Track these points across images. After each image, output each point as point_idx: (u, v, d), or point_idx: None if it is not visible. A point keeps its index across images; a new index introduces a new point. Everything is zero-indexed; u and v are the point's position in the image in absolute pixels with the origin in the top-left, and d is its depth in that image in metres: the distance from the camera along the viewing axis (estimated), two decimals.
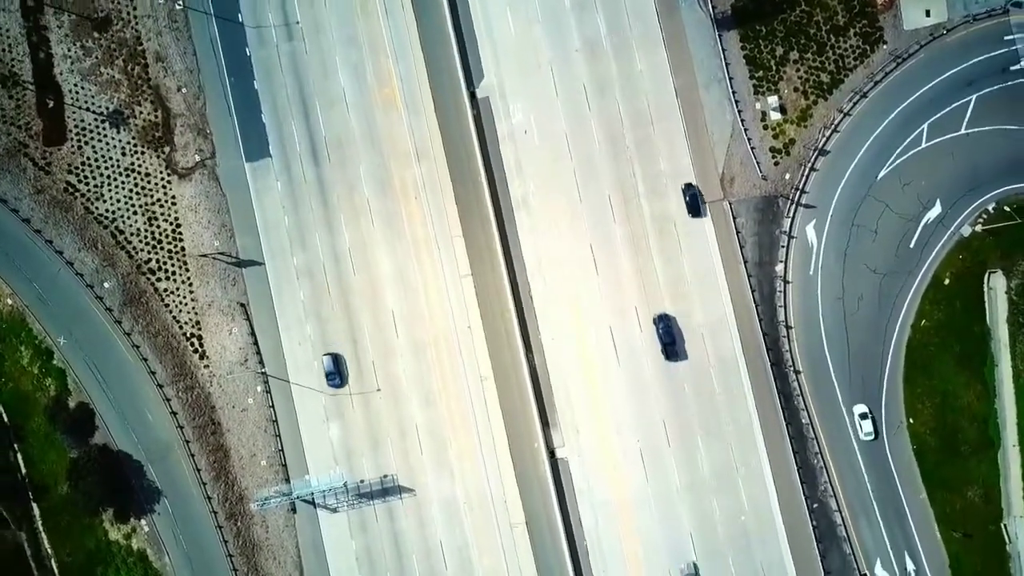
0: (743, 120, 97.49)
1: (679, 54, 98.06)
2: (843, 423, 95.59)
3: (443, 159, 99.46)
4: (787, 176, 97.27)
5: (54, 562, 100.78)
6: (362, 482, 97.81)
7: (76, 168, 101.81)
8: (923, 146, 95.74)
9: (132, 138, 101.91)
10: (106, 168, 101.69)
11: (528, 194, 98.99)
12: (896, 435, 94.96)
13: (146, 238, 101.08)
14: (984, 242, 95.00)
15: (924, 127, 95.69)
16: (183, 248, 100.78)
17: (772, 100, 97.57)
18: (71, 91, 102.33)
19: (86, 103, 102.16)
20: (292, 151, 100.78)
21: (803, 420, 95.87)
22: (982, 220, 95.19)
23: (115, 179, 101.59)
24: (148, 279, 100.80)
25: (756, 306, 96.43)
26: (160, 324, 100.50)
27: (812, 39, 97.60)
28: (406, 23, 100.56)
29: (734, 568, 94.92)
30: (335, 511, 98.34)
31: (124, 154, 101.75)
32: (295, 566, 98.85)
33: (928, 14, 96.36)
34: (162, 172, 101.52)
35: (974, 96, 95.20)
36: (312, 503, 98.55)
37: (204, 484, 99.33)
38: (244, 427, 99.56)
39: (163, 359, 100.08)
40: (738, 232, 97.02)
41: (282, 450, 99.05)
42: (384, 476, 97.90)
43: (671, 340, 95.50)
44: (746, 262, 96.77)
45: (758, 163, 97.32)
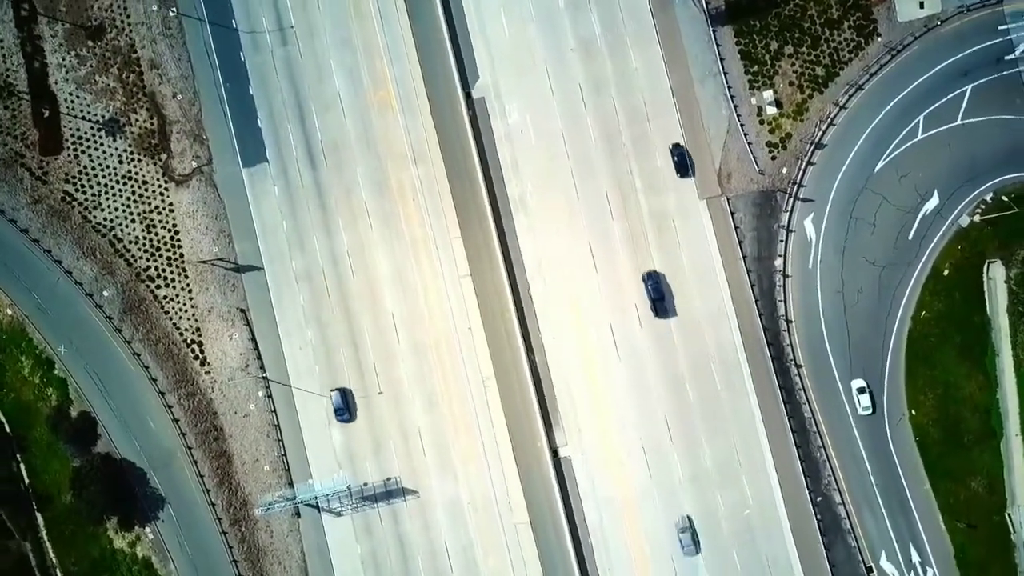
0: (739, 115, 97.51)
1: (674, 50, 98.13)
2: (846, 417, 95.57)
3: (440, 160, 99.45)
4: (784, 170, 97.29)
5: (59, 572, 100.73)
6: (366, 485, 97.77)
7: (73, 177, 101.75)
8: (919, 137, 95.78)
9: (128, 146, 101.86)
10: (103, 176, 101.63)
11: (526, 193, 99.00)
12: (899, 427, 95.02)
13: (144, 245, 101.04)
14: (982, 232, 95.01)
15: (920, 118, 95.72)
16: (182, 255, 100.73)
17: (768, 95, 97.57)
18: (66, 100, 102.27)
19: (82, 112, 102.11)
20: (289, 155, 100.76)
21: (805, 414, 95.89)
22: (980, 210, 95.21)
23: (112, 187, 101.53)
24: (147, 286, 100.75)
25: (756, 301, 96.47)
26: (160, 331, 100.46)
27: (806, 33, 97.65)
28: (400, 25, 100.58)
29: (739, 562, 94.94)
30: (339, 515, 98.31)
31: (121, 162, 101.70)
32: (300, 570, 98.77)
33: (922, 5, 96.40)
34: (159, 179, 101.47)
35: (969, 86, 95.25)
36: (316, 507, 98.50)
37: (207, 490, 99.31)
38: (246, 432, 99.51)
39: (164, 366, 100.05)
40: (736, 227, 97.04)
41: (285, 455, 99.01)
42: (388, 479, 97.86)
43: (660, 296, 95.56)
44: (745, 257, 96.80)
45: (755, 158, 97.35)
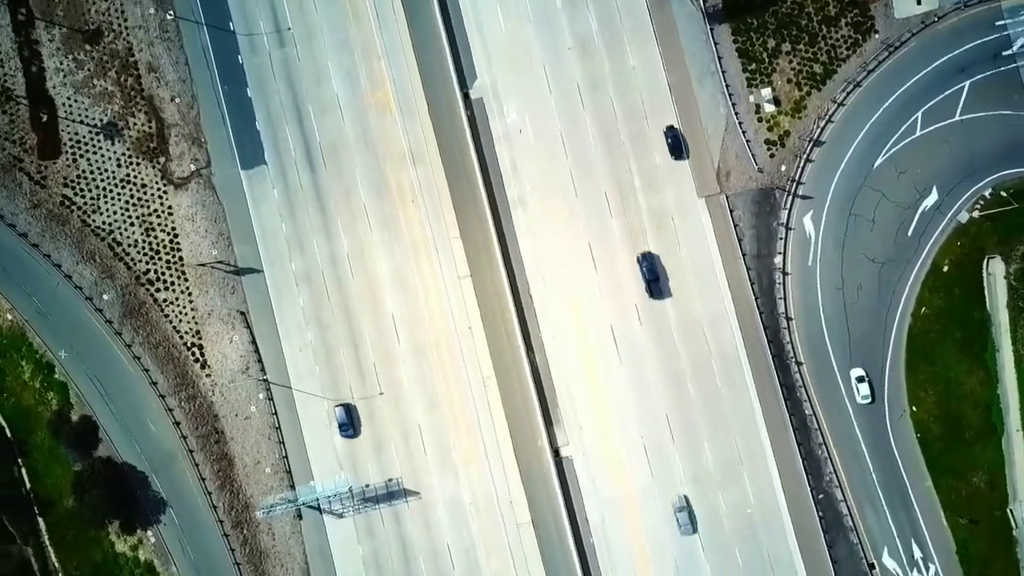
0: (737, 113, 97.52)
1: (671, 49, 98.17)
2: (847, 414, 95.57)
3: (439, 161, 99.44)
4: (783, 168, 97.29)
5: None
6: (367, 486, 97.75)
7: (72, 181, 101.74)
8: (918, 134, 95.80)
9: (127, 149, 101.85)
10: (102, 180, 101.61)
11: (525, 193, 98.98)
12: (900, 423, 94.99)
13: (144, 249, 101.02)
14: (982, 228, 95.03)
15: (918, 115, 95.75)
16: (181, 258, 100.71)
17: (766, 92, 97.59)
18: (64, 104, 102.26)
19: (80, 116, 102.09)
20: (287, 158, 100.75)
21: (806, 411, 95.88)
22: (979, 206, 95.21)
23: (111, 191, 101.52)
24: (147, 290, 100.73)
25: (756, 299, 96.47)
26: (160, 334, 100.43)
27: (804, 30, 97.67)
28: (398, 26, 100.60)
29: (741, 560, 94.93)
30: (341, 516, 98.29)
31: (119, 166, 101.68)
32: (302, 572, 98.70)
33: (919, 2, 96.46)
34: (158, 182, 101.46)
35: (967, 82, 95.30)
36: (318, 509, 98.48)
37: (209, 493, 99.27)
38: (247, 435, 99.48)
39: (164, 369, 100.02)
40: (736, 225, 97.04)
41: (286, 457, 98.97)
42: (389, 480, 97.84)
43: (655, 277, 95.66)
44: (744, 255, 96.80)
45: (754, 156, 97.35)
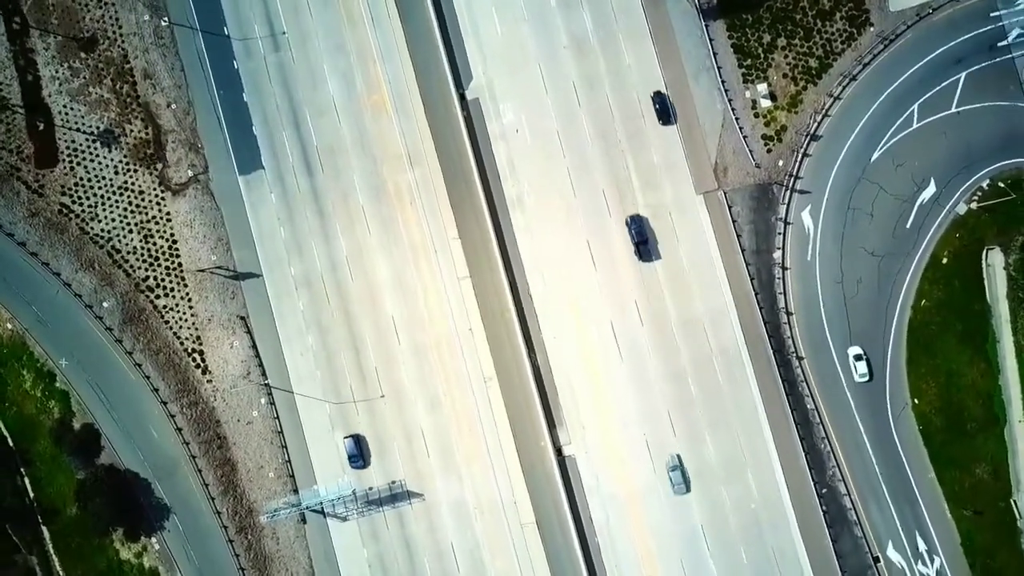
0: (734, 109, 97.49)
1: (666, 46, 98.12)
2: (849, 408, 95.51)
3: (436, 162, 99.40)
4: (780, 163, 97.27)
5: None
6: (370, 489, 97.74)
7: (69, 189, 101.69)
8: (915, 126, 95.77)
9: (124, 156, 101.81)
10: (99, 188, 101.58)
11: (523, 193, 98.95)
12: (902, 416, 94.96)
13: (143, 256, 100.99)
14: (980, 219, 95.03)
15: (915, 107, 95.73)
16: (180, 264, 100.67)
17: (762, 88, 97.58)
18: (61, 112, 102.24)
19: (76, 124, 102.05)
20: (285, 162, 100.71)
21: (808, 406, 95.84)
22: (977, 197, 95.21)
23: (109, 198, 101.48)
24: (147, 296, 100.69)
25: (756, 294, 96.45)
26: (161, 341, 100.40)
27: (799, 25, 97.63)
28: (392, 28, 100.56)
29: (746, 556, 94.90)
30: (345, 520, 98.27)
31: (117, 173, 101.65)
32: None
33: None
34: (156, 189, 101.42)
35: (963, 74, 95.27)
36: (322, 513, 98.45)
37: (213, 499, 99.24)
38: (250, 440, 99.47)
39: (166, 376, 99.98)
40: (734, 221, 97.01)
41: (289, 461, 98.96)
42: (392, 482, 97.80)
43: (643, 239, 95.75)
44: (743, 250, 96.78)
45: (751, 151, 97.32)
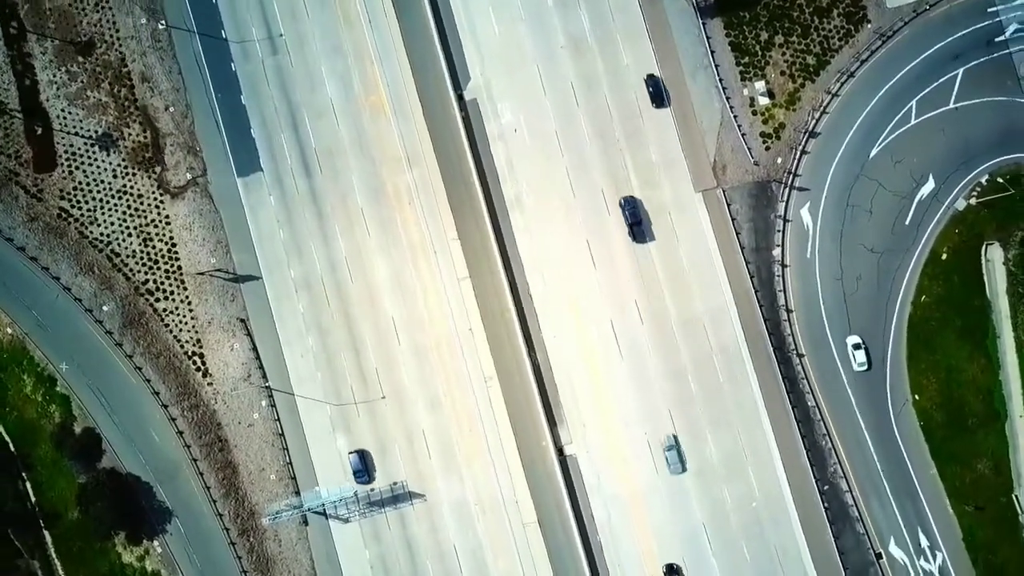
0: (732, 107, 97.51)
1: (664, 45, 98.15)
2: (850, 405, 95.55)
3: (434, 163, 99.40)
4: (779, 160, 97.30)
5: None
6: (372, 490, 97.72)
7: (68, 193, 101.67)
8: (913, 122, 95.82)
9: (122, 160, 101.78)
10: (98, 192, 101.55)
11: (521, 193, 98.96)
12: (903, 412, 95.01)
13: (142, 259, 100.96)
14: (979, 215, 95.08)
15: (913, 103, 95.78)
16: (180, 267, 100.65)
17: (759, 85, 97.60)
18: (59, 116, 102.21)
19: (74, 128, 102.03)
20: (283, 164, 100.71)
21: (809, 403, 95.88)
22: (976, 193, 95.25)
23: (108, 202, 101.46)
24: (147, 300, 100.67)
25: (755, 292, 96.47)
26: (161, 344, 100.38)
27: (796, 22, 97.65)
28: (390, 29, 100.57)
29: (748, 554, 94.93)
30: (347, 521, 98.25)
31: (115, 176, 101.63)
32: None
33: None
34: (154, 192, 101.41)
35: (961, 70, 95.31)
36: (323, 514, 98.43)
37: (214, 502, 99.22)
38: (251, 442, 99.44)
39: (166, 379, 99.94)
40: (733, 219, 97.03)
41: (290, 463, 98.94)
42: (394, 483, 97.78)
43: (637, 220, 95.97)
44: (743, 248, 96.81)
45: (749, 149, 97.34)
